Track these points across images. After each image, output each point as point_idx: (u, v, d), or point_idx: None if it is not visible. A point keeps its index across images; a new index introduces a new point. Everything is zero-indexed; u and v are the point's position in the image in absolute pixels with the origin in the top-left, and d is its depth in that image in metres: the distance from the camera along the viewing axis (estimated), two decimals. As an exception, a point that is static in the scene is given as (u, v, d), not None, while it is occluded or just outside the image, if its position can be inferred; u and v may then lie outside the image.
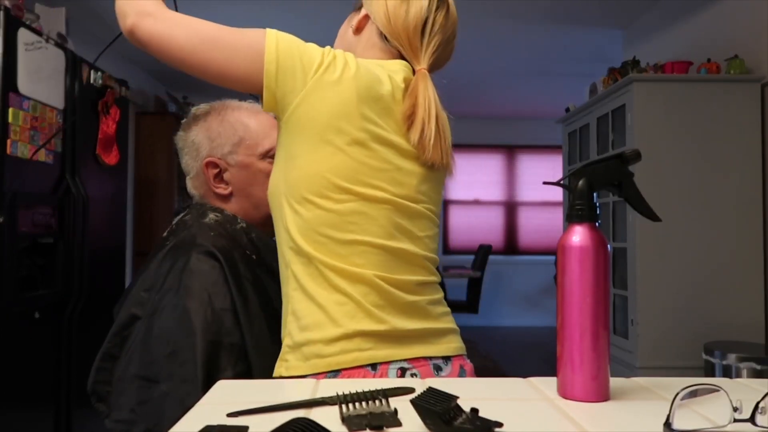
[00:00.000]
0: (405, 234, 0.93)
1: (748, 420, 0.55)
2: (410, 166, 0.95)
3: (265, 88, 0.89)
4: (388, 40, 1.01)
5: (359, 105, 0.90)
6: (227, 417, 0.58)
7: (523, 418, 0.59)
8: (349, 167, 0.89)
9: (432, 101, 0.96)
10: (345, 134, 0.89)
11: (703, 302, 2.66)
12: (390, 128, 0.93)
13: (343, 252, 0.88)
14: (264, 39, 0.89)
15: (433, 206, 1.00)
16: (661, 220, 0.69)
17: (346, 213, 0.89)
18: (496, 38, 4.24)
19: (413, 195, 0.95)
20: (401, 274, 0.91)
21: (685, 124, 2.71)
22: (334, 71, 0.90)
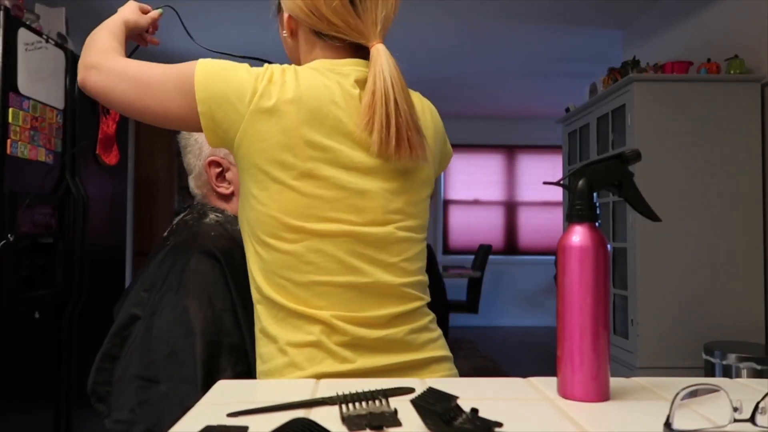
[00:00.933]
0: (373, 264, 0.85)
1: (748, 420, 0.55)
2: (374, 185, 0.85)
3: (204, 129, 0.84)
4: (324, 35, 0.90)
5: (303, 132, 0.82)
6: (227, 417, 0.58)
7: (523, 418, 0.59)
8: (299, 204, 0.82)
9: (390, 89, 0.84)
10: (290, 168, 0.82)
11: (703, 302, 2.66)
12: (345, 145, 0.84)
13: (303, 294, 0.83)
14: (193, 77, 0.83)
15: (412, 221, 0.90)
16: (661, 220, 0.69)
17: (300, 253, 0.82)
18: (496, 38, 4.24)
19: (380, 218, 0.86)
20: (370, 310, 0.84)
21: (685, 124, 2.71)
22: (269, 98, 0.82)
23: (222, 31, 4.13)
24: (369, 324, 0.84)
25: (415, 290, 0.90)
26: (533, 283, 6.75)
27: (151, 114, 0.87)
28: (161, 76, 0.85)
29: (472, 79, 5.29)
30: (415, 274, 0.90)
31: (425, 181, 0.92)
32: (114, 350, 1.02)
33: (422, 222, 0.93)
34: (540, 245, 6.83)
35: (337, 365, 0.82)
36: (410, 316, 0.88)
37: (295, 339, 0.83)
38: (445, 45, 4.39)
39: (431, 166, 0.92)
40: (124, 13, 1.05)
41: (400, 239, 0.87)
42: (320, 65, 0.88)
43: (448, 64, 4.85)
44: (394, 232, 0.87)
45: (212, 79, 0.83)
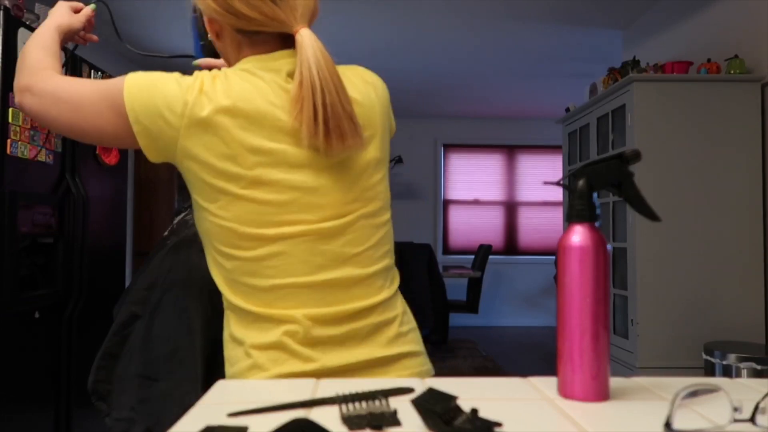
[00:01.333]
0: (336, 259, 0.83)
1: (748, 420, 0.55)
2: (325, 179, 0.83)
3: (142, 147, 0.82)
4: (247, 32, 0.86)
5: (243, 139, 0.79)
6: (227, 417, 0.58)
7: (523, 418, 0.59)
8: (252, 212, 0.80)
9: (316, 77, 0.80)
10: (237, 179, 0.79)
11: (703, 302, 2.66)
12: (289, 144, 0.81)
13: (267, 298, 0.82)
14: (122, 95, 0.81)
15: (371, 205, 0.87)
16: (661, 220, 0.69)
17: (261, 258, 0.81)
18: (496, 38, 4.24)
19: (338, 211, 0.83)
20: (336, 305, 0.83)
21: (685, 124, 2.71)
22: (201, 109, 0.79)
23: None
24: (334, 321, 0.82)
25: (382, 279, 0.88)
26: (533, 283, 6.75)
27: (89, 135, 0.85)
28: (91, 95, 0.83)
29: (472, 79, 5.29)
30: (381, 260, 0.88)
31: (371, 161, 0.87)
32: (114, 349, 1.02)
33: (382, 203, 0.90)
34: (540, 245, 6.83)
35: (301, 365, 0.81)
36: (376, 310, 0.86)
37: (258, 341, 0.82)
38: (445, 45, 4.39)
39: (379, 146, 0.89)
40: (55, 18, 1.02)
41: (363, 227, 0.85)
42: (251, 64, 0.85)
43: (448, 63, 4.85)
44: (355, 222, 0.85)
45: (141, 95, 0.80)
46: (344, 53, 4.61)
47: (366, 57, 4.69)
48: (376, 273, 0.87)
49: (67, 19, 1.03)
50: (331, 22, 3.97)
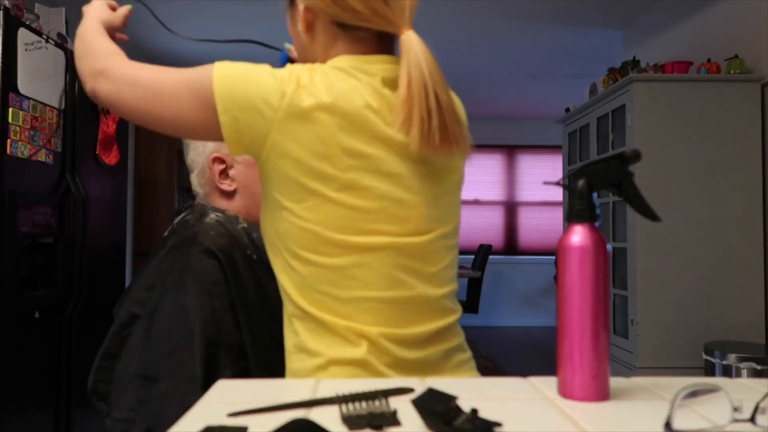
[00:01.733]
0: (415, 276, 0.80)
1: (748, 420, 0.55)
2: (414, 192, 0.80)
3: (226, 140, 0.77)
4: (347, 26, 0.82)
5: (340, 139, 0.76)
6: (227, 417, 0.58)
7: (523, 418, 0.59)
8: (341, 217, 0.77)
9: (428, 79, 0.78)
10: (330, 180, 0.76)
11: (703, 302, 2.66)
12: (383, 151, 0.78)
13: (347, 310, 0.78)
14: (211, 83, 0.76)
15: (448, 226, 0.85)
16: (661, 220, 0.69)
17: (343, 267, 0.78)
18: (496, 38, 4.24)
19: (422, 227, 0.81)
20: (412, 326, 0.80)
21: (685, 124, 2.71)
22: (301, 100, 0.75)
23: (219, 29, 4.13)
24: (410, 342, 0.80)
25: (452, 301, 0.86)
26: (533, 283, 6.75)
27: (167, 124, 0.80)
28: (175, 83, 0.79)
29: (473, 79, 5.29)
30: (451, 283, 0.86)
31: (458, 181, 0.87)
32: (114, 349, 1.02)
33: (456, 225, 0.88)
34: (540, 245, 6.83)
35: None
36: (448, 333, 0.84)
37: (339, 356, 0.78)
38: (445, 45, 4.39)
39: (463, 165, 0.87)
40: (98, 13, 0.98)
41: (440, 247, 0.83)
42: (346, 64, 0.80)
43: (448, 64, 4.82)
44: (434, 241, 0.82)
45: (233, 84, 0.76)
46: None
47: (366, 57, 4.69)
48: (446, 295, 0.85)
49: (108, 15, 0.99)
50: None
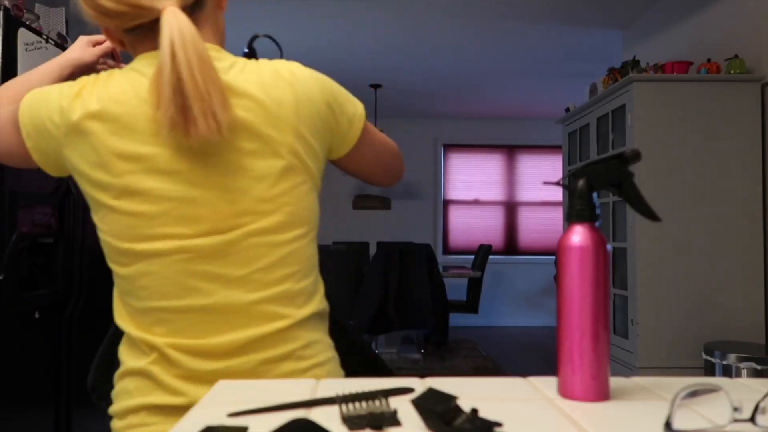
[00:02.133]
0: (215, 281, 0.75)
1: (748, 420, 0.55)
2: (207, 190, 0.74)
3: (40, 166, 0.79)
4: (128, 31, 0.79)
5: (112, 145, 0.73)
6: (227, 417, 0.58)
7: (523, 418, 0.59)
8: (124, 225, 0.75)
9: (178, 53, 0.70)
10: (108, 188, 0.74)
11: (703, 302, 2.66)
12: (165, 147, 0.73)
13: (144, 321, 0.77)
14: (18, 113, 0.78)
15: (269, 219, 0.76)
16: (661, 220, 0.69)
17: (134, 277, 0.76)
18: (496, 38, 4.24)
19: (221, 225, 0.75)
20: (214, 336, 0.75)
21: (685, 124, 2.71)
22: (72, 114, 0.74)
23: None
24: (211, 353, 0.75)
25: (277, 306, 0.77)
26: (533, 283, 6.76)
27: (3, 158, 0.82)
28: (5, 117, 0.80)
29: (472, 79, 5.29)
30: (276, 285, 0.77)
31: (284, 168, 0.77)
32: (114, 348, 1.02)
33: (288, 218, 0.77)
34: (540, 245, 6.84)
35: (167, 398, 0.76)
36: (267, 342, 0.77)
37: (131, 366, 0.78)
38: (445, 45, 4.39)
39: (289, 150, 0.77)
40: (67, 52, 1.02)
41: (253, 245, 0.76)
42: (139, 62, 0.79)
43: (448, 63, 4.85)
44: (243, 239, 0.75)
45: (31, 109, 0.77)
46: (344, 53, 4.62)
47: (366, 57, 4.69)
48: (267, 299, 0.77)
49: (78, 54, 1.03)
50: (330, 23, 3.97)
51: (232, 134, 0.74)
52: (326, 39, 4.30)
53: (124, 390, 0.79)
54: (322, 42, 4.36)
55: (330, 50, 4.55)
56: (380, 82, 5.40)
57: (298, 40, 4.31)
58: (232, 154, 0.75)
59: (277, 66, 0.80)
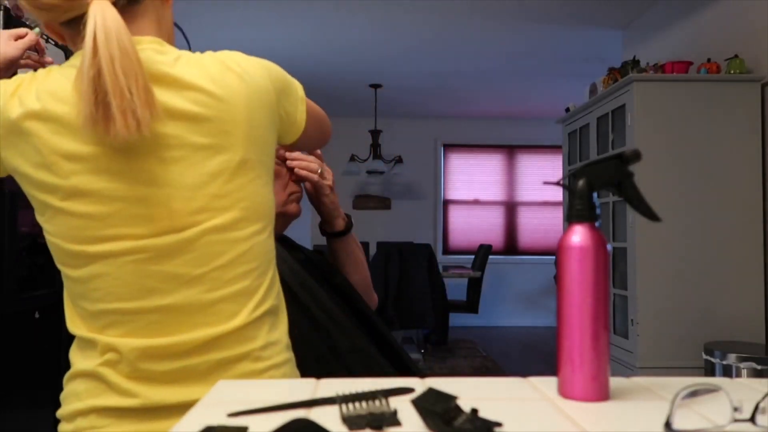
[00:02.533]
0: (172, 281, 0.73)
1: (748, 420, 0.55)
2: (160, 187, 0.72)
3: None
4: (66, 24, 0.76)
5: (57, 145, 0.71)
6: (227, 417, 0.58)
7: (523, 418, 0.59)
8: (74, 226, 0.72)
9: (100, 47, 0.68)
10: (55, 190, 0.71)
11: (703, 302, 2.66)
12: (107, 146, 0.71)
13: (96, 323, 0.75)
14: None
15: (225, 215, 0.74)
16: (661, 220, 0.69)
17: (86, 279, 0.74)
18: (496, 38, 4.24)
19: (177, 223, 0.73)
20: (171, 335, 0.74)
21: (685, 124, 2.71)
22: (9, 114, 0.71)
23: (218, 32, 4.13)
24: (167, 354, 0.74)
25: (236, 304, 0.76)
26: (533, 283, 6.76)
27: None
28: None
29: (473, 79, 5.29)
30: (235, 282, 0.76)
31: (238, 163, 0.75)
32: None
33: (245, 213, 0.76)
34: (540, 245, 6.84)
35: (118, 399, 0.74)
36: (225, 342, 0.75)
37: (81, 367, 0.77)
38: (445, 45, 4.39)
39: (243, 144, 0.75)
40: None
41: (209, 243, 0.74)
42: (77, 59, 0.75)
43: (448, 63, 4.84)
44: (201, 236, 0.74)
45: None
46: (344, 53, 4.62)
47: (366, 57, 4.69)
48: (226, 297, 0.75)
49: (1, 50, 0.99)
50: (331, 23, 3.97)
51: (183, 130, 0.72)
52: (326, 39, 4.30)
53: (74, 392, 0.78)
54: (322, 42, 4.36)
55: (330, 50, 4.55)
56: (380, 82, 5.40)
57: (298, 40, 4.31)
58: (186, 150, 0.73)
59: (223, 58, 0.78)
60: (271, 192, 0.81)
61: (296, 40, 4.32)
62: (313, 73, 5.10)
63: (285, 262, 1.10)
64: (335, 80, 5.34)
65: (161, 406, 0.74)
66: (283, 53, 4.61)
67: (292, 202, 1.23)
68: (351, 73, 5.15)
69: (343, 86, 5.54)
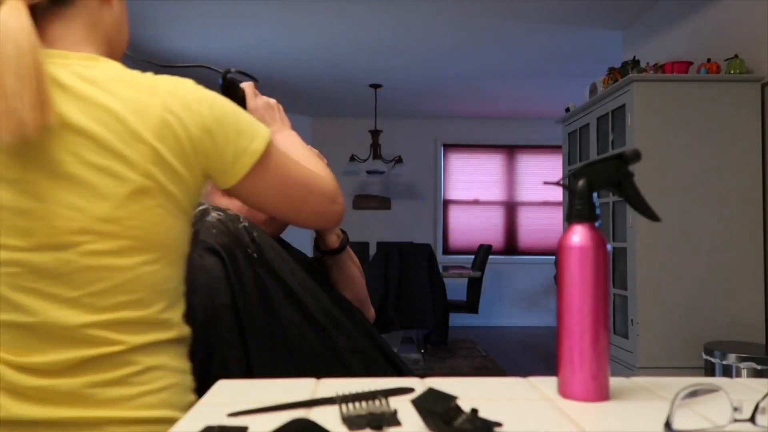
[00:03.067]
0: (44, 299, 0.71)
1: (748, 420, 0.55)
2: (42, 204, 0.70)
3: None
4: None
5: None
6: (227, 417, 0.58)
7: (523, 418, 0.59)
8: None
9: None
10: None
11: (703, 302, 2.66)
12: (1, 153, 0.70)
13: None
14: None
15: (109, 242, 0.72)
16: (661, 220, 0.69)
17: None
18: (496, 38, 4.24)
19: (55, 241, 0.70)
20: (37, 355, 0.71)
21: (685, 124, 2.71)
22: None
23: (217, 31, 4.13)
24: (34, 371, 0.71)
25: (110, 332, 0.73)
26: (533, 283, 6.76)
27: None
28: None
29: (472, 79, 5.29)
30: (110, 312, 0.73)
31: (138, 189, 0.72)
32: None
33: (135, 242, 0.73)
34: (540, 245, 6.84)
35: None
36: (94, 366, 0.72)
37: None
38: (445, 45, 4.39)
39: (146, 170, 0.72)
40: None
41: (87, 267, 0.71)
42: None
43: (448, 63, 4.84)
44: (75, 260, 0.71)
45: None
46: (344, 53, 4.62)
47: (366, 57, 4.69)
48: (100, 324, 0.72)
49: None
50: (330, 23, 3.97)
51: (82, 148, 0.70)
52: (326, 39, 4.30)
53: None
54: (322, 42, 4.36)
55: (330, 50, 4.55)
56: (380, 82, 5.40)
57: (298, 39, 4.31)
58: (81, 168, 0.70)
59: (157, 82, 0.76)
60: (176, 223, 0.78)
61: (296, 40, 4.32)
62: (313, 73, 5.10)
63: (285, 262, 1.11)
64: (335, 80, 5.34)
65: (23, 422, 0.71)
66: (283, 53, 4.61)
67: None
68: (351, 73, 5.15)
69: (343, 86, 5.54)
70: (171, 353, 0.79)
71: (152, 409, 0.75)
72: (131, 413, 0.73)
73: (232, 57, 4.70)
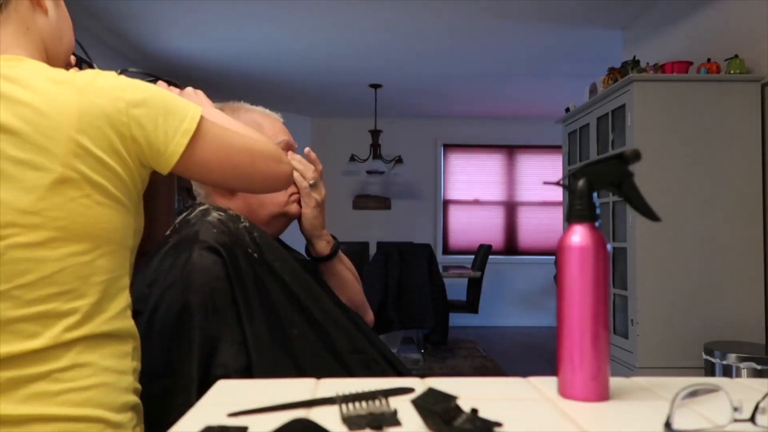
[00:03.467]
0: None
1: (748, 420, 0.55)
2: None
3: None
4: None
5: None
6: (227, 417, 0.58)
7: (523, 418, 0.59)
8: None
9: None
10: None
11: (703, 302, 2.66)
12: None
13: None
14: None
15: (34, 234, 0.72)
16: (661, 219, 0.69)
17: None
18: (496, 38, 4.24)
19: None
20: None
21: (685, 124, 2.71)
22: None
23: (217, 31, 4.13)
24: None
25: (38, 326, 0.73)
26: (533, 283, 6.76)
27: None
28: None
29: (472, 79, 5.29)
30: (39, 304, 0.73)
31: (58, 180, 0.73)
32: None
33: (60, 233, 0.74)
34: (540, 245, 6.84)
35: None
36: (19, 361, 0.72)
37: None
38: (445, 44, 4.39)
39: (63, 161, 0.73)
40: None
41: (13, 260, 0.72)
42: None
43: (448, 63, 4.84)
44: (3, 253, 0.71)
45: None
46: (344, 53, 4.62)
47: (366, 57, 4.69)
48: (27, 318, 0.73)
49: None
50: (330, 23, 3.97)
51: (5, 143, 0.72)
52: (326, 38, 4.30)
53: None
54: (321, 42, 4.36)
55: (330, 50, 4.55)
56: (380, 82, 5.40)
57: (298, 39, 4.31)
58: (4, 163, 0.72)
59: (76, 76, 0.77)
60: (113, 214, 0.78)
61: (296, 39, 4.32)
62: (313, 73, 5.10)
63: (286, 262, 1.11)
64: (335, 80, 5.34)
65: None
66: (283, 53, 4.61)
67: (292, 203, 1.24)
68: (351, 73, 5.15)
69: (343, 86, 5.54)
70: (103, 351, 0.78)
71: (77, 407, 0.74)
72: (54, 410, 0.73)
73: (232, 57, 4.70)
